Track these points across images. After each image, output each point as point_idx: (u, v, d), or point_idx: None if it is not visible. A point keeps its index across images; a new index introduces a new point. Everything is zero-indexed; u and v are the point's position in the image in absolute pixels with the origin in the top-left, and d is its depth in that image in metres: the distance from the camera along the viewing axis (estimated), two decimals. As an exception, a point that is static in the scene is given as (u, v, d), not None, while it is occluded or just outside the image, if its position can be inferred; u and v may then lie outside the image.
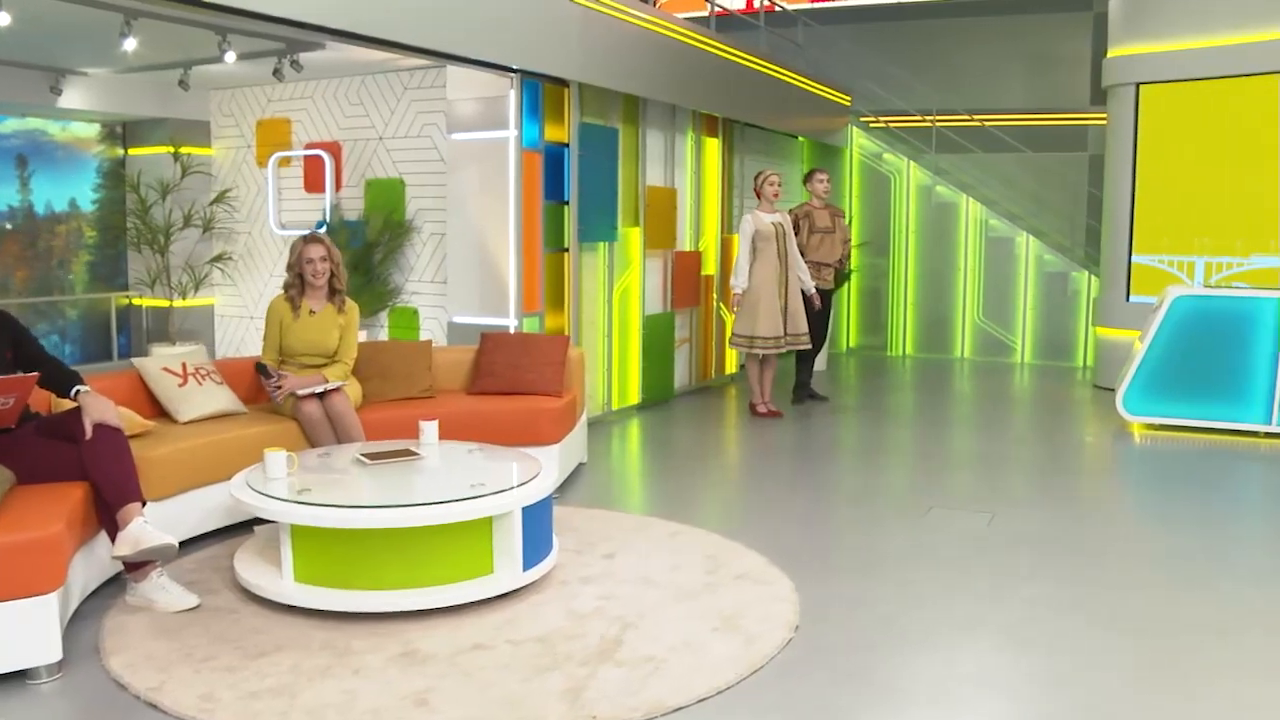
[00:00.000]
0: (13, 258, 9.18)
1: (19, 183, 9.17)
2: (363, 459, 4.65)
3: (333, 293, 5.69)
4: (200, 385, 5.40)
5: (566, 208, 7.65)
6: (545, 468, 4.51)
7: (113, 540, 3.94)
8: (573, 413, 6.17)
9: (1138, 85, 9.85)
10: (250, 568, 4.28)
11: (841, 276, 9.97)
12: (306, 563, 4.09)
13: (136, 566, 4.07)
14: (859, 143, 12.86)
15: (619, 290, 8.38)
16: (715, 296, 9.92)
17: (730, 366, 10.31)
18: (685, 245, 9.40)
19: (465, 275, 7.63)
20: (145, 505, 4.05)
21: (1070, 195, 12.70)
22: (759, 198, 8.24)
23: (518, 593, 4.20)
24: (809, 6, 13.63)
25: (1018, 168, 12.76)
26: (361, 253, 8.12)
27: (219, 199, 9.32)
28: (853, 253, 10.69)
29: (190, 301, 9.44)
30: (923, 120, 12.95)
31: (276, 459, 4.36)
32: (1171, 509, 6.06)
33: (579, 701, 3.29)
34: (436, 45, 6.44)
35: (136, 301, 9.86)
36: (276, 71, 7.68)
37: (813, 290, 8.36)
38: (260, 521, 4.51)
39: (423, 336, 8.20)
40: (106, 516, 3.99)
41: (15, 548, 3.37)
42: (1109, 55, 10.22)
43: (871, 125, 13.06)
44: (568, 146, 7.62)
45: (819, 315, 8.66)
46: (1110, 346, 10.06)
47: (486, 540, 4.15)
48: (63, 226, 9.50)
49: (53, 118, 9.27)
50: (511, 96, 7.21)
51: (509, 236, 7.28)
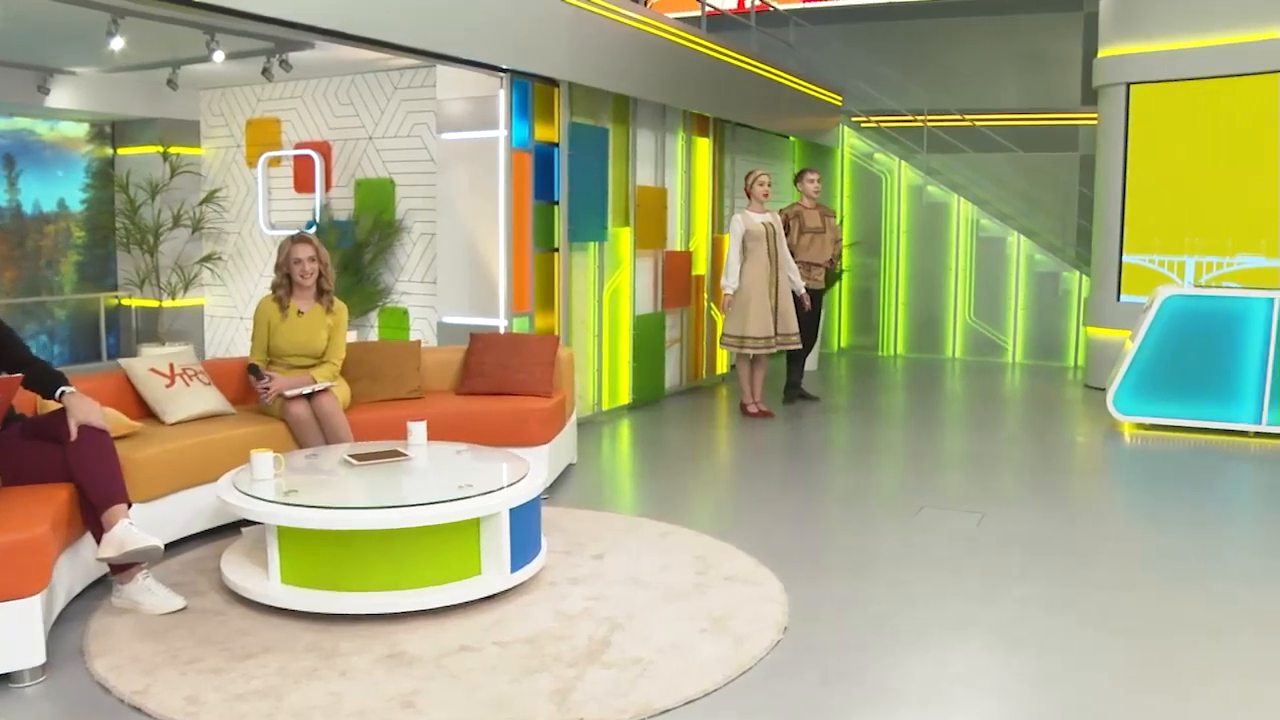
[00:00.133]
0: (1, 258, 9.14)
1: (7, 183, 9.13)
2: (350, 460, 4.63)
3: (321, 293, 5.67)
4: (188, 386, 5.37)
5: (556, 208, 7.63)
6: (533, 468, 4.49)
7: (98, 542, 3.92)
8: (562, 413, 6.15)
9: (1128, 85, 9.87)
10: (237, 569, 4.25)
11: (832, 276, 9.97)
12: (293, 564, 4.07)
13: (122, 568, 4.04)
14: (850, 143, 12.86)
15: (609, 290, 8.37)
16: (706, 296, 9.90)
17: (721, 367, 10.30)
18: (676, 245, 9.39)
19: (455, 275, 7.61)
20: (131, 507, 4.03)
21: (1061, 195, 12.72)
22: (749, 197, 8.23)
23: (506, 594, 4.18)
24: (800, 6, 13.62)
25: (1009, 168, 12.77)
26: (351, 253, 8.10)
27: (208, 199, 9.29)
28: (844, 252, 10.70)
29: (180, 302, 9.41)
30: (914, 120, 12.95)
31: (263, 460, 4.34)
32: (1162, 509, 6.06)
33: (566, 703, 3.28)
34: (426, 45, 6.42)
35: (126, 302, 9.83)
36: (265, 71, 7.67)
37: (802, 291, 8.35)
38: (248, 523, 4.49)
39: (413, 337, 8.17)
40: (92, 518, 3.97)
41: (-1, 550, 3.34)
42: (1099, 55, 10.23)
43: (863, 125, 13.06)
44: (558, 146, 7.60)
45: (809, 315, 8.64)
46: (1101, 346, 10.07)
47: (474, 541, 4.13)
48: (51, 226, 9.46)
49: (41, 117, 9.22)
50: (501, 96, 7.19)
51: (499, 236, 7.26)
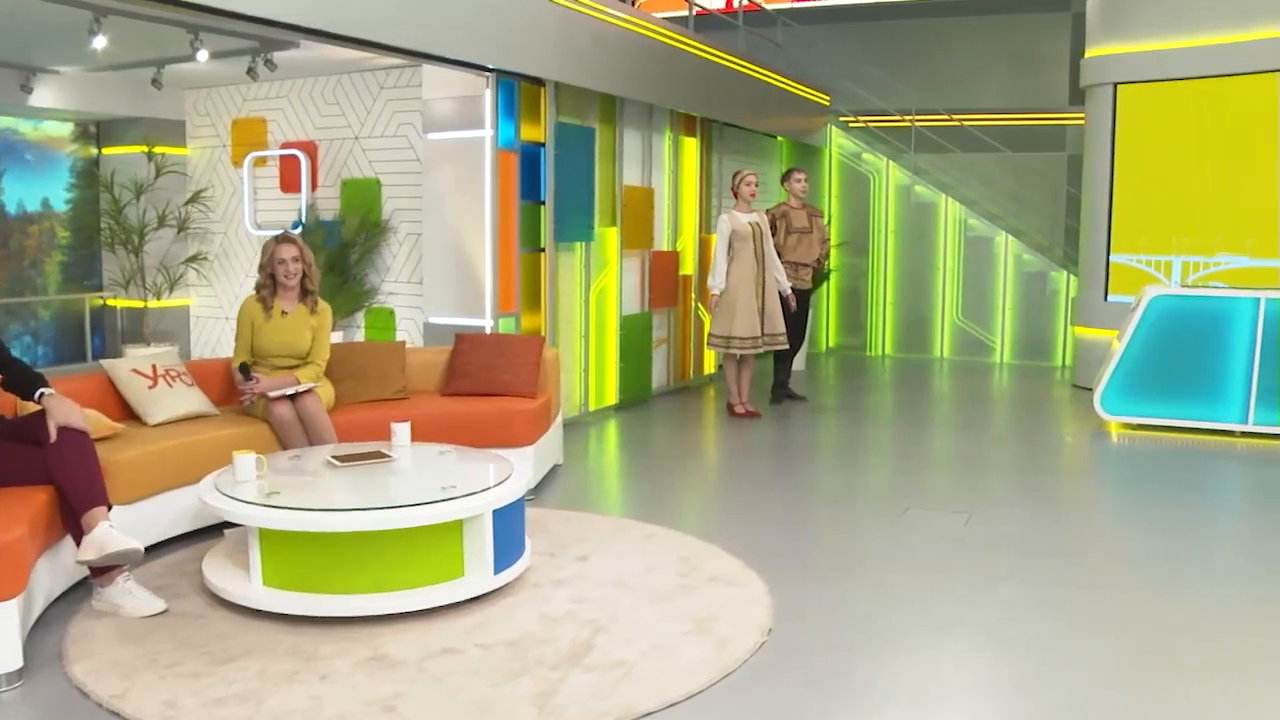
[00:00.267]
0: (-15, 258, 9.10)
1: (-10, 183, 9.08)
2: (333, 461, 4.60)
3: (305, 293, 5.64)
4: (171, 387, 5.34)
5: (543, 207, 7.61)
6: (517, 470, 4.47)
7: (78, 545, 3.89)
8: (548, 414, 6.13)
9: (1115, 85, 9.88)
10: (218, 572, 4.22)
11: (820, 276, 9.97)
12: (275, 566, 4.04)
13: (102, 571, 4.01)
14: (838, 142, 12.86)
15: (596, 290, 8.34)
16: (693, 296, 9.89)
17: (709, 367, 10.29)
18: (663, 245, 9.37)
19: (441, 276, 7.58)
20: (111, 509, 4.00)
21: (1049, 195, 12.73)
22: (736, 197, 8.22)
23: (489, 596, 4.15)
24: (788, 6, 13.61)
25: (997, 168, 12.78)
26: (337, 253, 8.06)
27: (194, 199, 9.23)
28: (832, 252, 10.69)
29: (165, 302, 9.35)
30: (902, 120, 12.96)
31: (245, 461, 4.31)
32: (1149, 509, 6.06)
33: (548, 706, 3.26)
34: (412, 44, 6.40)
35: (111, 302, 9.77)
36: (251, 71, 7.63)
37: (789, 291, 8.34)
38: (230, 525, 4.46)
39: (399, 338, 8.14)
40: (71, 521, 3.94)
41: (-25, 553, 3.31)
42: (1086, 55, 10.24)
43: (851, 125, 13.06)
44: (544, 146, 7.58)
45: (797, 315, 8.64)
46: (1089, 346, 10.08)
47: (457, 543, 4.11)
48: (35, 226, 9.39)
49: (24, 116, 9.16)
50: (487, 96, 7.17)
51: (485, 237, 7.24)
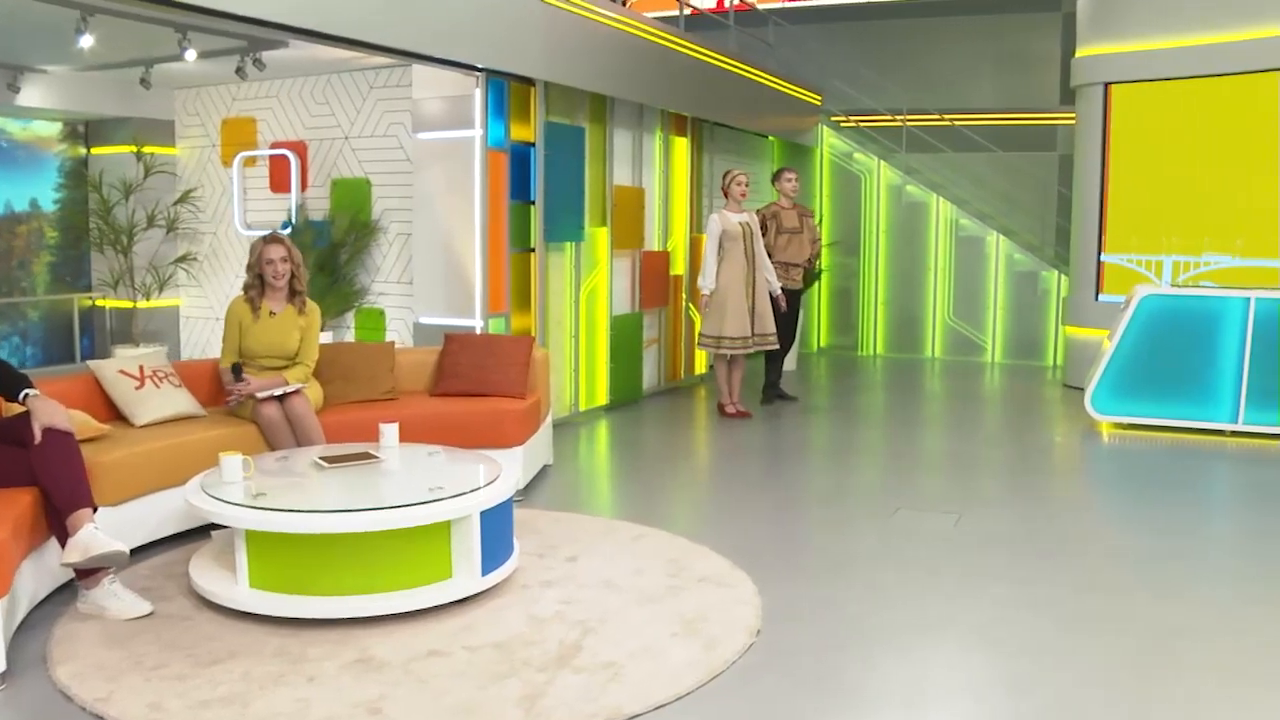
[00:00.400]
0: (-27, 259, 9.06)
1: (-23, 182, 9.04)
2: (320, 462, 4.58)
3: (293, 294, 5.62)
4: (158, 388, 5.31)
5: (533, 207, 7.59)
6: (505, 470, 4.46)
7: (63, 547, 3.87)
8: (537, 414, 6.11)
9: (1106, 85, 9.89)
10: (205, 573, 4.20)
11: (811, 276, 9.96)
12: (262, 568, 4.02)
13: (88, 573, 3.99)
14: (829, 142, 12.85)
15: (586, 290, 8.33)
16: (684, 296, 9.88)
17: (699, 367, 10.28)
18: (654, 245, 9.36)
19: (431, 276, 7.56)
20: (97, 511, 3.98)
21: (1040, 195, 12.75)
22: (726, 197, 8.21)
23: (477, 597, 4.14)
24: (779, 6, 13.61)
25: (988, 167, 12.79)
26: (327, 253, 8.04)
27: (183, 199, 9.19)
28: (823, 252, 10.68)
29: (155, 303, 9.32)
30: (893, 120, 12.96)
31: (232, 463, 4.29)
32: (1139, 509, 6.07)
33: (535, 709, 3.25)
34: (401, 44, 6.38)
35: (100, 303, 9.73)
36: (239, 70, 7.61)
37: (779, 292, 8.32)
38: (218, 526, 4.44)
39: (389, 338, 8.12)
40: (56, 522, 3.93)
41: (-43, 556, 3.29)
42: (1077, 55, 10.25)
43: (842, 125, 13.05)
44: (534, 146, 7.56)
45: (787, 315, 8.62)
46: (1080, 345, 10.09)
47: (445, 545, 4.09)
48: (23, 227, 9.35)
49: (12, 116, 9.12)
50: (477, 95, 7.14)
51: (475, 236, 7.21)
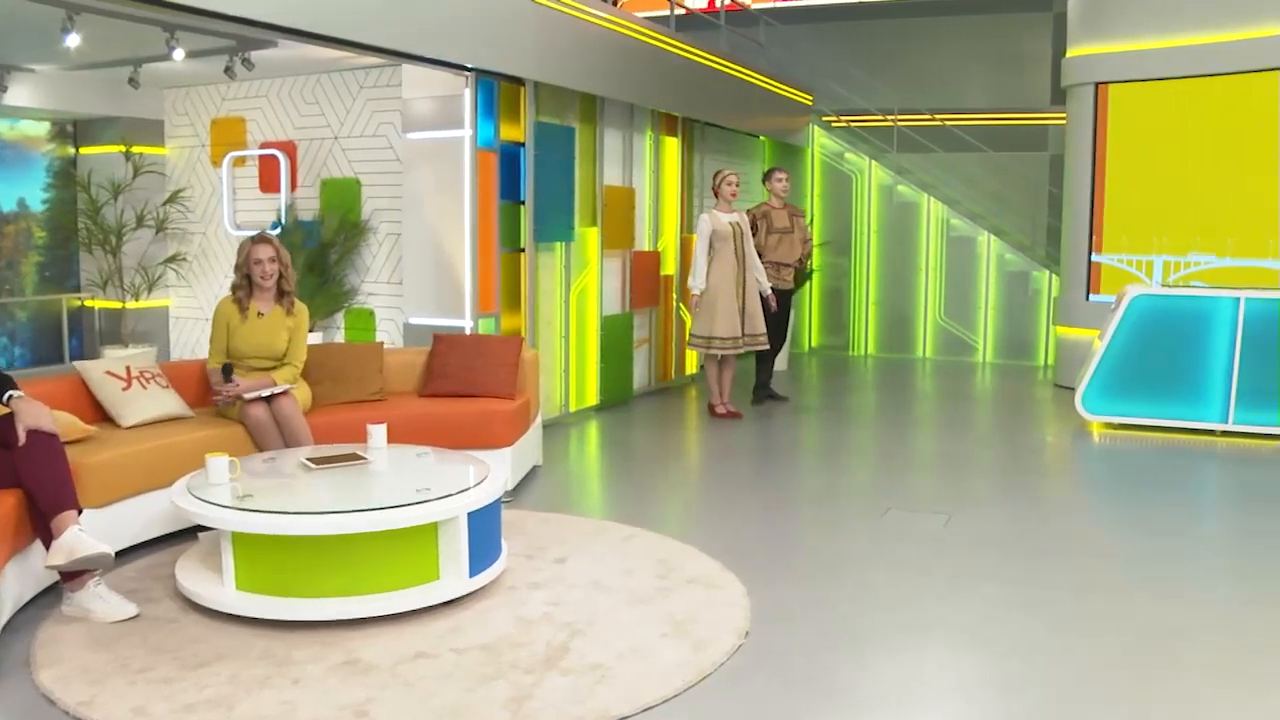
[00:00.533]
0: (-40, 259, 9.02)
1: (-35, 182, 9.00)
2: (307, 464, 4.56)
3: (281, 294, 5.59)
4: (145, 389, 5.29)
5: (522, 207, 7.57)
6: (493, 471, 4.44)
7: (47, 549, 3.84)
8: (526, 415, 6.09)
9: (1096, 85, 9.90)
10: (191, 575, 4.18)
11: (802, 276, 9.95)
12: (248, 570, 4.00)
13: (73, 576, 3.96)
14: (820, 142, 12.85)
15: (576, 291, 8.31)
16: (675, 296, 9.86)
17: (690, 367, 10.26)
18: (644, 245, 9.34)
19: (421, 276, 7.54)
20: (82, 513, 3.96)
21: (1031, 195, 12.75)
22: (716, 197, 8.20)
23: (464, 599, 4.12)
24: (770, 5, 13.61)
25: (979, 167, 12.79)
26: (317, 253, 8.01)
27: (172, 199, 9.17)
28: (814, 252, 10.67)
29: (144, 303, 9.29)
30: (884, 120, 12.95)
31: (218, 464, 4.27)
32: (1129, 509, 6.07)
33: (522, 711, 3.23)
34: (391, 44, 6.35)
35: (89, 303, 9.69)
36: (228, 70, 7.58)
37: (769, 292, 8.31)
38: (205, 528, 4.42)
39: (379, 338, 8.09)
40: (41, 525, 3.91)
41: (-61, 559, 3.27)
42: (1067, 55, 10.26)
43: (833, 125, 13.05)
44: (524, 146, 7.54)
45: (778, 316, 8.61)
46: (1071, 345, 10.10)
47: (432, 546, 4.07)
48: (11, 227, 9.31)
49: (0, 115, 9.09)
50: (467, 95, 7.13)
51: (464, 237, 7.20)
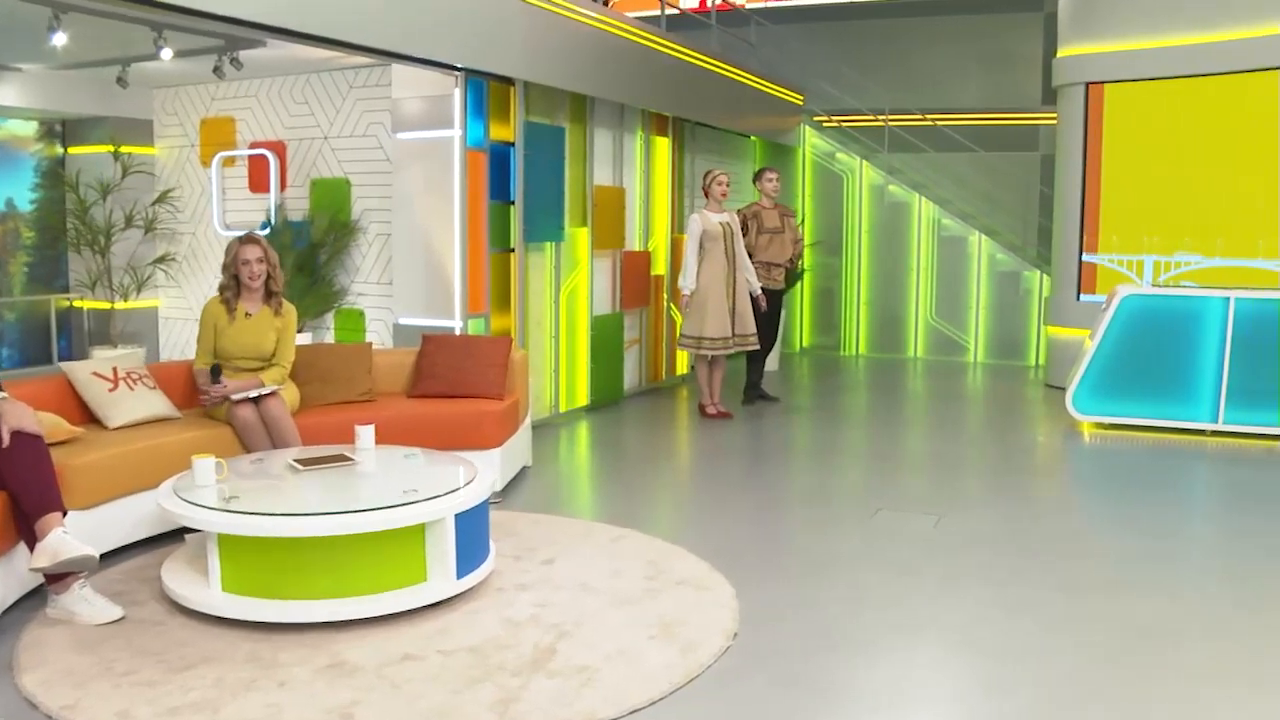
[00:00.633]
0: (-52, 259, 8.97)
1: (-47, 182, 8.95)
2: (295, 465, 4.54)
3: (269, 295, 5.57)
4: (132, 390, 5.26)
5: (512, 207, 7.55)
6: (481, 472, 4.42)
7: (31, 551, 3.82)
8: (515, 415, 6.08)
9: (1087, 85, 9.91)
10: (178, 577, 4.16)
11: (793, 277, 9.94)
12: (234, 572, 3.98)
13: (58, 578, 3.94)
14: (811, 142, 12.85)
15: (566, 291, 8.29)
16: (665, 297, 9.85)
17: (681, 367, 10.25)
18: (634, 245, 9.33)
19: (411, 276, 7.52)
20: (66, 515, 3.94)
21: (1022, 195, 12.76)
22: (707, 197, 8.19)
23: (452, 601, 4.11)
24: (762, 5, 13.60)
25: (970, 167, 12.79)
26: (306, 254, 7.98)
27: (161, 199, 9.12)
28: (805, 252, 10.66)
29: (133, 304, 9.24)
30: (875, 120, 12.96)
31: (204, 465, 4.25)
32: (1119, 509, 6.06)
33: (509, 713, 3.22)
34: (380, 43, 6.33)
35: (77, 304, 9.65)
36: (217, 69, 7.54)
37: (759, 292, 8.30)
38: (191, 530, 4.40)
39: (369, 339, 8.07)
40: (25, 527, 3.89)
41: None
42: (1058, 55, 10.27)
43: (824, 125, 13.05)
44: (513, 146, 7.53)
45: (768, 316, 8.61)
46: (1062, 345, 10.11)
47: (419, 548, 4.06)
48: (-1, 227, 9.29)
49: (-13, 115, 9.06)
50: (456, 95, 7.11)
51: (454, 237, 7.18)
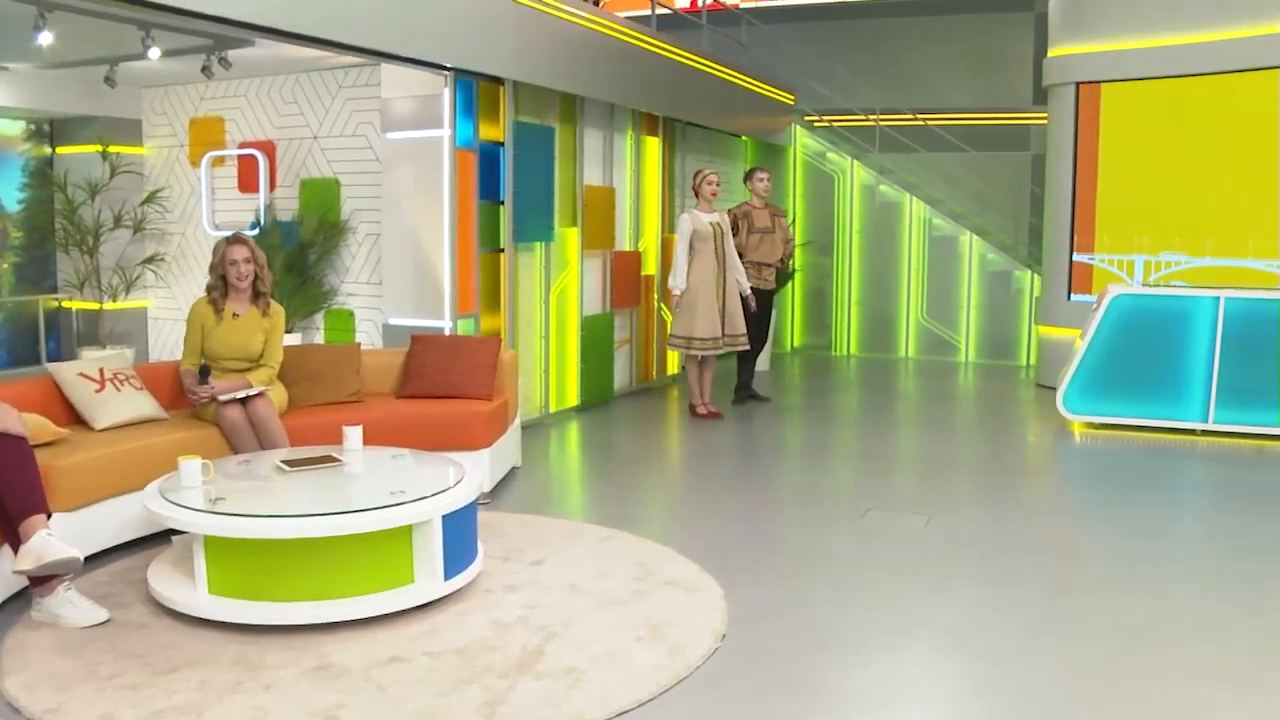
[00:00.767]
0: (-65, 259, 8.93)
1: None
2: (282, 466, 4.52)
3: (257, 295, 5.55)
4: (119, 391, 5.23)
5: (502, 207, 7.54)
6: (469, 473, 4.40)
7: (15, 554, 3.80)
8: (504, 416, 6.06)
9: (1078, 85, 9.91)
10: (163, 580, 4.14)
11: (784, 277, 9.93)
12: (220, 574, 3.96)
13: (42, 580, 3.92)
14: (803, 142, 12.85)
15: (556, 291, 8.28)
16: (656, 297, 9.84)
17: (671, 368, 10.24)
18: (625, 245, 9.31)
19: (400, 276, 7.50)
20: (51, 517, 3.92)
21: (1013, 194, 12.75)
22: (697, 197, 8.18)
23: (439, 602, 4.09)
24: (753, 5, 13.59)
25: (961, 167, 12.79)
26: (296, 254, 7.96)
27: (150, 199, 9.09)
28: (796, 252, 10.66)
29: (122, 304, 9.21)
30: (866, 119, 12.95)
31: (190, 467, 4.23)
32: (1110, 509, 6.07)
33: (495, 716, 3.20)
34: (370, 43, 6.32)
35: (66, 304, 9.62)
36: (205, 69, 7.52)
37: (749, 292, 8.30)
38: (178, 531, 4.37)
39: (358, 339, 8.04)
40: (8, 529, 3.86)
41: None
42: (1049, 55, 10.27)
43: (815, 124, 13.04)
44: (503, 145, 7.51)
45: (759, 316, 8.60)
46: (1052, 345, 10.11)
47: (406, 549, 4.04)
48: (-13, 227, 9.25)
49: (-25, 114, 9.02)
50: (446, 95, 7.09)
51: (444, 237, 7.16)
